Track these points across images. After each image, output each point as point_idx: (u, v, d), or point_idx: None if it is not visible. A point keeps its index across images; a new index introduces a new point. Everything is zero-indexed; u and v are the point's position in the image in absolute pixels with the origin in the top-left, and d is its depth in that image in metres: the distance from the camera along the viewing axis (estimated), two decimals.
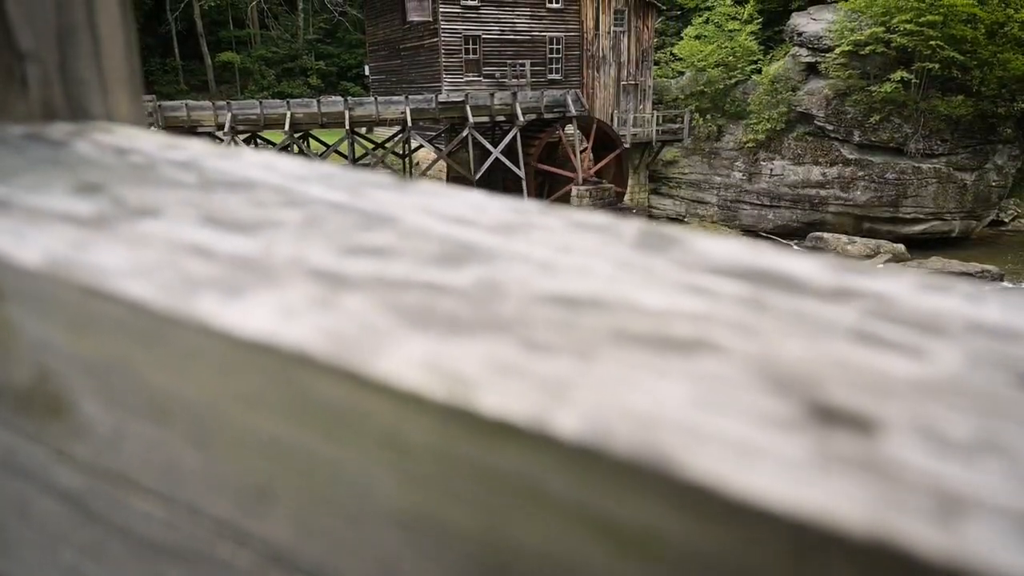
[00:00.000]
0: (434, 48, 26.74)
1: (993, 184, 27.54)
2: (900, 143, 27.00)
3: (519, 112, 24.42)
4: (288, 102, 22.95)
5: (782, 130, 28.43)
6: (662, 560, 0.23)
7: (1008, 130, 26.95)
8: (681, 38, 32.27)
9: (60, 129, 0.59)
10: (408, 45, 28.57)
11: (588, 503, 0.24)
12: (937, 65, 25.22)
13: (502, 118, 24.84)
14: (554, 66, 28.36)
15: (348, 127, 22.80)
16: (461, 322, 0.30)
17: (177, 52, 42.05)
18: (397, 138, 24.80)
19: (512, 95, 24.64)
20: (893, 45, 25.65)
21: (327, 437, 0.29)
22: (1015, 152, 27.54)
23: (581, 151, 25.83)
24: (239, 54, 42.46)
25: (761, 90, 28.73)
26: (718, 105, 29.81)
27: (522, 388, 0.26)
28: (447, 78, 26.63)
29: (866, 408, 0.24)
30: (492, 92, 25.01)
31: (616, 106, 29.48)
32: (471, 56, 26.98)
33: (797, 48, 29.12)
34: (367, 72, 34.20)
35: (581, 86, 28.34)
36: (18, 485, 0.43)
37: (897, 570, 0.20)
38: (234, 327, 0.31)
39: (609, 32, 28.96)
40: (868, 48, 26.04)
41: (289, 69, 43.62)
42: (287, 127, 22.13)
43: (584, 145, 26.16)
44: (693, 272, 0.34)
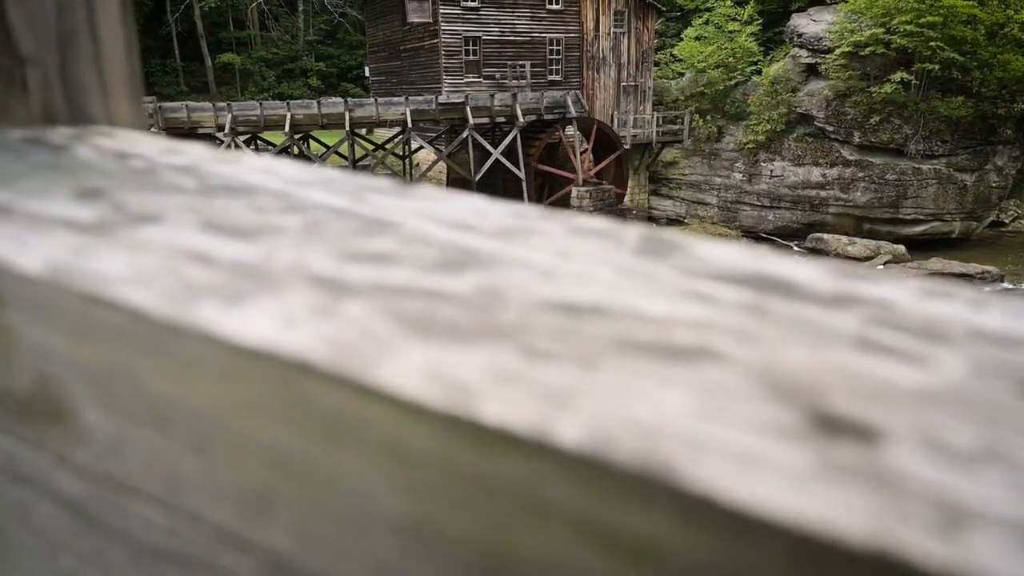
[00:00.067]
0: (434, 49, 26.76)
1: (993, 185, 27.53)
2: (900, 144, 27.00)
3: (519, 113, 24.41)
4: (288, 103, 22.93)
5: (782, 131, 28.43)
6: (663, 570, 0.23)
7: (1008, 131, 26.95)
8: (681, 39, 32.28)
9: (60, 133, 0.59)
10: (408, 46, 28.58)
11: (590, 512, 0.24)
12: (937, 66, 25.22)
13: (502, 119, 24.83)
14: (554, 67, 28.36)
15: (348, 128, 22.80)
16: (462, 329, 0.30)
17: (177, 53, 42.08)
18: (397, 139, 24.80)
19: (512, 96, 24.64)
20: (893, 46, 25.65)
21: (328, 445, 0.29)
22: (1015, 153, 27.54)
23: (581, 152, 25.83)
24: (239, 55, 42.48)
25: (761, 91, 28.73)
26: (718, 106, 29.81)
27: (523, 397, 0.26)
28: (447, 79, 26.64)
29: (868, 417, 0.24)
30: (492, 93, 25.00)
31: (616, 107, 29.48)
32: (471, 57, 26.99)
33: (797, 49, 29.12)
34: (367, 73, 34.22)
35: (581, 87, 28.35)
36: (18, 492, 0.43)
37: None
38: (235, 335, 0.31)
39: (609, 33, 28.97)
40: (868, 49, 26.04)
41: (289, 70, 43.65)
42: (287, 128, 22.13)
43: (584, 146, 26.16)
44: (694, 278, 0.34)
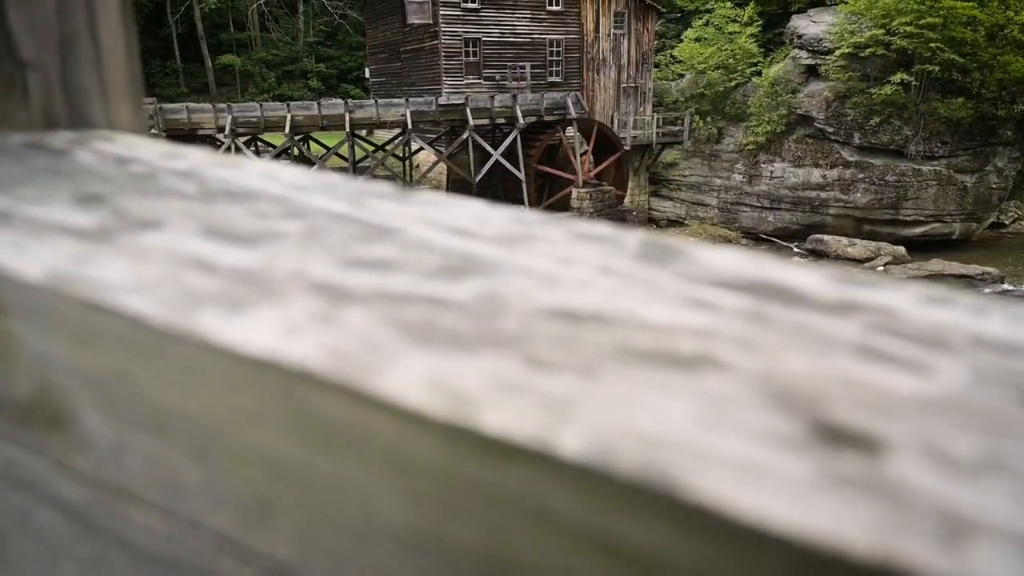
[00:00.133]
0: (434, 50, 26.77)
1: (993, 186, 27.53)
2: (900, 145, 27.00)
3: (519, 114, 24.41)
4: (288, 104, 22.93)
5: (782, 132, 28.43)
6: None
7: (1008, 132, 26.95)
8: (681, 40, 32.28)
9: (61, 137, 0.59)
10: (408, 48, 28.59)
11: (592, 523, 0.23)
12: (937, 67, 25.23)
13: (502, 120, 24.82)
14: (554, 68, 28.37)
15: (348, 130, 22.79)
16: (463, 338, 0.30)
17: (178, 55, 42.10)
18: (397, 141, 24.81)
19: (512, 97, 24.63)
20: (893, 47, 25.66)
21: (329, 454, 0.29)
22: (1015, 154, 27.53)
23: (582, 154, 25.83)
24: (239, 57, 42.50)
25: (761, 92, 28.73)
26: (718, 107, 29.82)
27: (525, 406, 0.26)
28: (447, 80, 26.65)
29: (870, 427, 0.24)
30: (492, 94, 24.99)
31: (616, 108, 29.49)
32: (471, 59, 27.00)
33: (797, 50, 29.13)
34: (367, 75, 34.23)
35: (581, 88, 28.35)
36: (19, 497, 0.42)
37: None
38: (235, 343, 0.31)
39: (609, 34, 28.99)
40: (868, 50, 26.05)
41: (289, 72, 43.67)
42: (287, 130, 22.13)
43: (584, 148, 26.17)
44: (696, 285, 0.34)
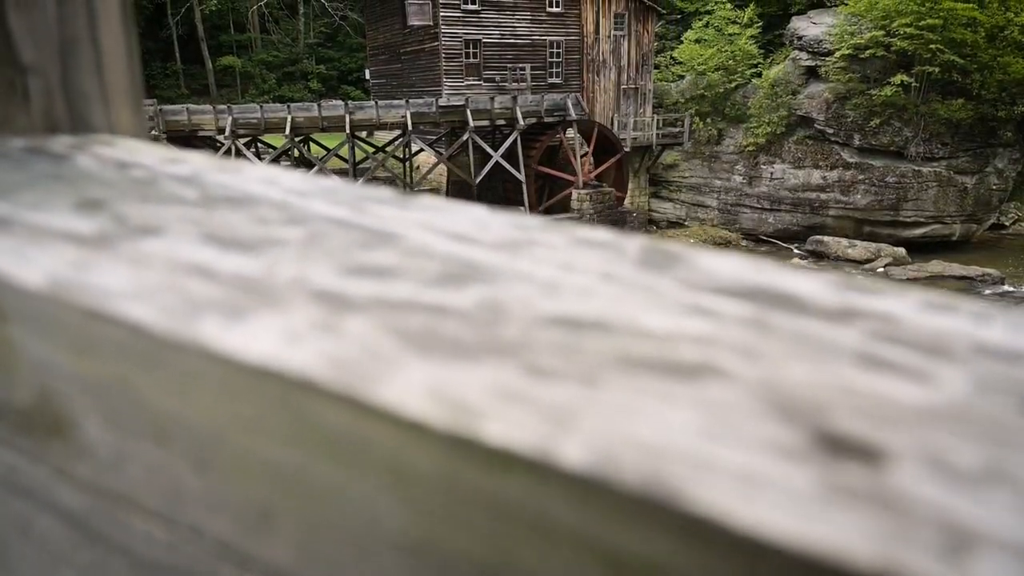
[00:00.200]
0: (435, 52, 26.79)
1: (993, 188, 27.54)
2: (900, 147, 27.02)
3: (519, 116, 24.44)
4: (289, 106, 22.98)
5: (782, 134, 28.45)
6: None
7: (1008, 134, 26.97)
8: (681, 42, 32.31)
9: (61, 142, 0.59)
10: (409, 49, 28.62)
11: (594, 533, 0.23)
12: (937, 69, 25.26)
13: (502, 122, 24.84)
14: (554, 70, 28.40)
15: (349, 131, 22.82)
16: (464, 346, 0.30)
17: (178, 56, 42.15)
18: (398, 142, 24.83)
19: (512, 99, 24.66)
20: (893, 49, 25.69)
21: (330, 462, 0.29)
22: (1015, 156, 27.55)
23: (582, 155, 25.85)
24: (240, 58, 42.54)
25: (761, 94, 28.76)
26: (718, 109, 29.84)
27: (526, 416, 0.26)
28: (447, 82, 26.67)
29: (872, 436, 0.24)
30: (492, 96, 25.01)
31: (616, 110, 29.51)
32: (471, 60, 27.03)
33: (797, 52, 29.15)
34: (368, 76, 34.26)
35: (581, 90, 28.37)
36: (19, 504, 0.42)
37: None
38: (236, 352, 0.31)
39: (609, 36, 29.01)
40: (868, 52, 26.08)
41: (290, 73, 43.71)
42: (288, 131, 22.16)
43: (585, 149, 26.18)
44: (697, 291, 0.34)
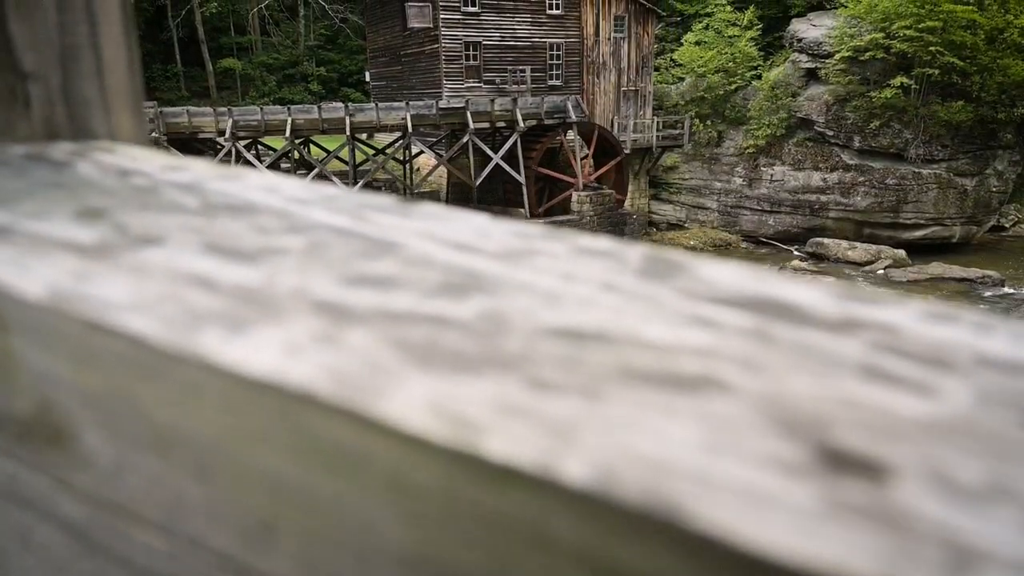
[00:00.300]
0: (435, 54, 26.81)
1: (993, 190, 27.54)
2: (900, 149, 27.02)
3: (519, 118, 24.43)
4: (289, 108, 22.95)
5: (782, 136, 28.46)
6: None
7: (1008, 135, 26.97)
8: (681, 44, 32.34)
9: (62, 149, 0.59)
10: (409, 51, 28.64)
11: (594, 549, 0.23)
12: (937, 71, 25.26)
13: (502, 124, 24.84)
14: (554, 72, 28.42)
15: (349, 133, 22.81)
16: (465, 359, 0.30)
17: (178, 58, 42.16)
18: (398, 144, 24.83)
19: (512, 101, 24.65)
20: (893, 51, 25.70)
21: (331, 476, 0.29)
22: (1015, 158, 27.55)
23: (582, 157, 25.85)
24: (240, 60, 42.56)
25: (761, 96, 28.77)
26: (718, 111, 29.85)
27: (528, 431, 0.26)
28: (448, 84, 26.69)
29: (875, 452, 0.24)
30: (492, 98, 25.00)
31: (616, 112, 29.53)
32: (472, 62, 27.04)
33: (797, 54, 29.17)
34: (368, 78, 34.28)
35: (581, 92, 28.39)
36: (20, 514, 0.42)
37: None
38: (236, 365, 0.30)
39: (609, 38, 29.03)
40: (868, 54, 26.09)
41: (290, 75, 43.73)
42: (288, 133, 22.16)
43: (585, 151, 26.19)
44: (698, 302, 0.34)
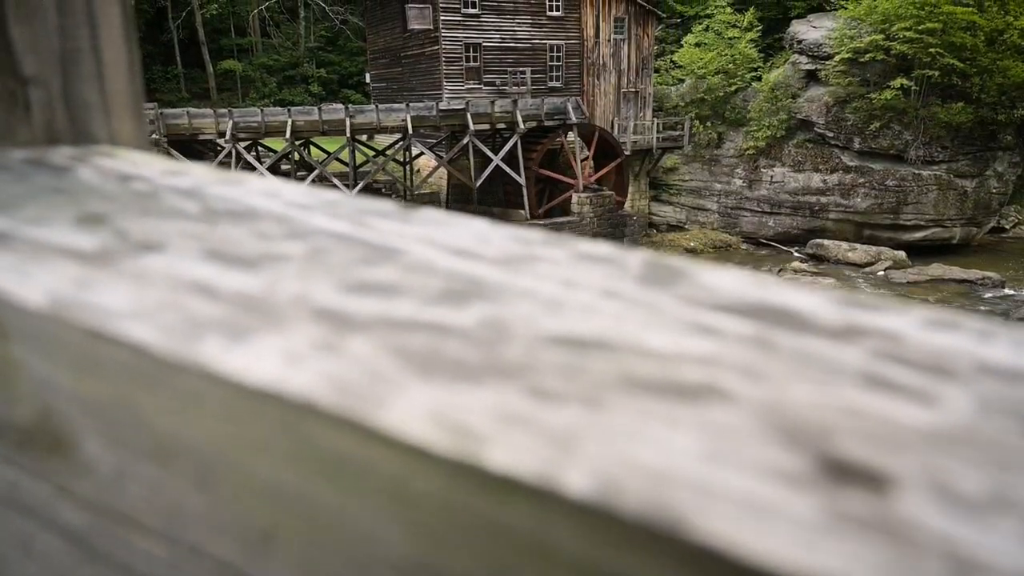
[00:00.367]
0: (435, 56, 26.83)
1: (994, 191, 27.55)
2: (900, 150, 27.03)
3: (519, 120, 24.46)
4: (289, 110, 22.99)
5: (782, 137, 28.47)
6: None
7: (1008, 137, 26.98)
8: (681, 46, 32.36)
9: (62, 153, 0.59)
10: (409, 53, 28.66)
11: (596, 560, 0.23)
12: (937, 72, 25.28)
13: (503, 126, 24.87)
14: (554, 74, 28.43)
15: (349, 134, 22.83)
16: (466, 367, 0.30)
17: (179, 60, 42.19)
18: (398, 145, 24.84)
19: (512, 103, 24.68)
20: (893, 52, 25.71)
21: (332, 485, 0.29)
22: (1015, 159, 27.56)
23: (582, 159, 25.86)
24: (240, 62, 42.59)
25: (761, 97, 28.78)
26: (718, 112, 29.87)
27: (529, 441, 0.26)
28: (448, 86, 26.70)
29: (877, 462, 0.24)
30: (493, 100, 25.03)
31: (616, 113, 29.54)
32: (472, 64, 27.06)
33: (797, 55, 29.19)
34: (368, 80, 34.30)
35: (581, 93, 28.40)
36: (21, 521, 0.42)
37: None
38: (237, 373, 0.31)
39: (609, 40, 29.05)
40: (868, 55, 26.10)
41: (290, 77, 43.75)
42: (288, 134, 22.17)
43: (585, 153, 26.20)
44: (699, 309, 0.34)
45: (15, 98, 0.59)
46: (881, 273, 24.65)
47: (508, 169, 24.39)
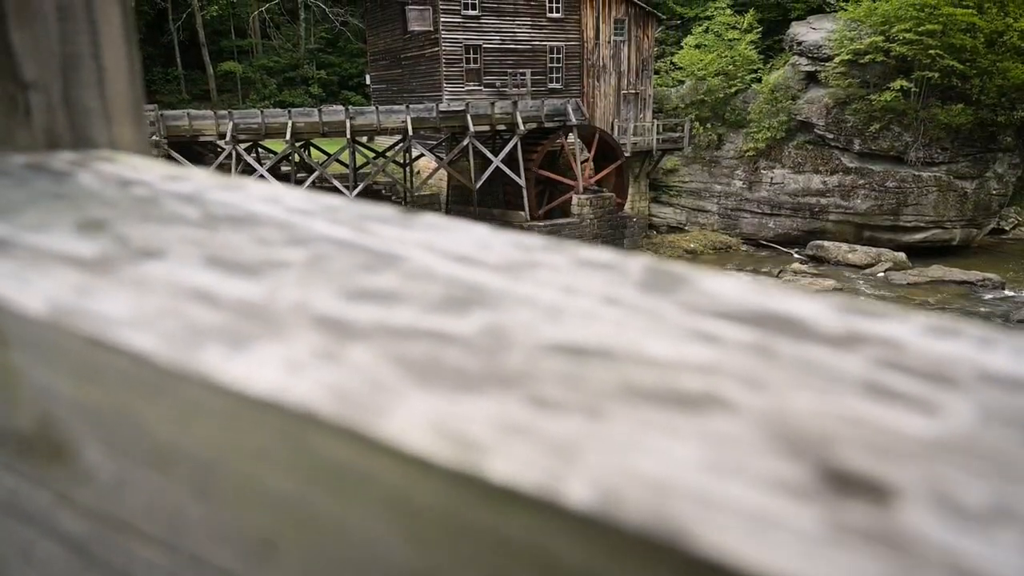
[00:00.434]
0: (435, 57, 26.83)
1: (993, 192, 27.55)
2: (900, 151, 27.03)
3: (519, 121, 24.47)
4: (289, 111, 23.00)
5: (782, 139, 28.48)
6: None
7: (1008, 138, 26.98)
8: (681, 47, 32.37)
9: (63, 158, 0.59)
10: (409, 54, 28.67)
11: (598, 572, 0.23)
12: (937, 74, 25.29)
13: (503, 127, 24.90)
14: (554, 75, 28.43)
15: (349, 136, 22.84)
16: (467, 376, 0.30)
17: (179, 61, 42.20)
18: (398, 147, 24.85)
19: (513, 104, 24.70)
20: (893, 54, 25.72)
21: (332, 495, 0.29)
22: (1015, 160, 27.56)
23: (582, 161, 25.87)
24: (241, 63, 42.60)
25: (761, 99, 28.79)
26: (718, 114, 29.88)
27: (530, 451, 0.26)
28: (448, 87, 26.70)
29: (879, 473, 0.24)
30: (493, 101, 25.06)
31: (616, 115, 29.54)
32: (472, 65, 27.06)
33: (797, 57, 29.20)
34: (368, 81, 34.30)
35: (581, 95, 28.41)
36: (21, 529, 0.42)
37: None
38: (238, 382, 0.30)
39: (609, 41, 29.06)
40: (868, 57, 26.11)
41: (290, 78, 43.77)
42: (288, 136, 22.18)
43: (585, 154, 26.21)
44: (700, 316, 0.34)
45: (15, 103, 0.59)
46: (881, 274, 24.65)
47: (508, 171, 24.40)
